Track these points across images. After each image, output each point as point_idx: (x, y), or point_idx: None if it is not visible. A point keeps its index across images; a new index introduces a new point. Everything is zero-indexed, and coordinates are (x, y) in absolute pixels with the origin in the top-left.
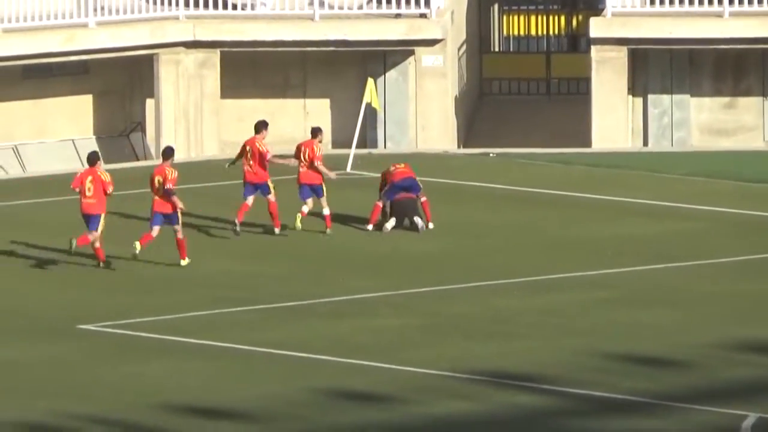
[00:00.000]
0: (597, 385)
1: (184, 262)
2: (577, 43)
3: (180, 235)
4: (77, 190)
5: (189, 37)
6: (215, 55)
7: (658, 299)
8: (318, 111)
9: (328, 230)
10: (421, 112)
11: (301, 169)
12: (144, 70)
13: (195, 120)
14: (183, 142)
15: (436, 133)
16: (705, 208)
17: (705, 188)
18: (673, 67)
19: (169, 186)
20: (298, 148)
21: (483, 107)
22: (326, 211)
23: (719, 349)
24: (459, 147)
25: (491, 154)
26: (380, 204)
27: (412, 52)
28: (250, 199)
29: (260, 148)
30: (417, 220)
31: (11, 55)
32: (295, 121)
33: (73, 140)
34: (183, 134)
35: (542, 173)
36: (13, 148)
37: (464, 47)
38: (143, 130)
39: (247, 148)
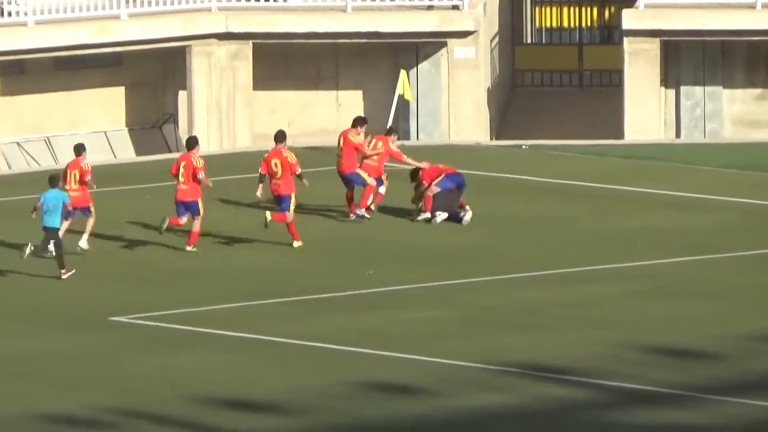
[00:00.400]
0: (628, 377)
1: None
2: (610, 34)
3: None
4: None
5: (221, 29)
6: (247, 47)
7: (690, 291)
8: (350, 102)
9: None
10: (454, 103)
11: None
12: (176, 62)
13: (227, 112)
14: (215, 134)
15: (469, 124)
16: (737, 200)
17: (737, 180)
18: (706, 58)
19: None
20: (339, 137)
21: (515, 99)
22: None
23: (750, 341)
24: (491, 139)
25: (524, 146)
26: (431, 194)
27: (444, 44)
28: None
29: (354, 142)
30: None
31: (44, 47)
32: (328, 112)
33: (105, 132)
34: (215, 126)
35: (575, 165)
36: (45, 140)
37: (497, 39)
38: (176, 122)
39: (340, 140)
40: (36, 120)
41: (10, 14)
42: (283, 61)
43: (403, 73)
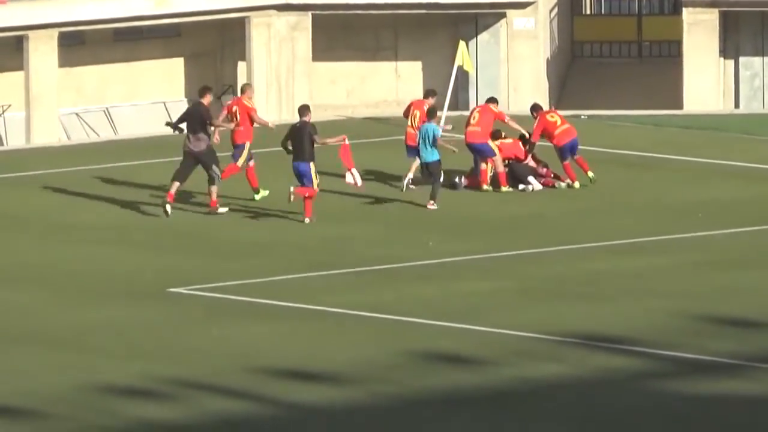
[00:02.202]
0: (687, 347)
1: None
2: (669, 5)
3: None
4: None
5: (280, 0)
6: (307, 18)
7: (750, 261)
8: (410, 73)
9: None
10: (513, 74)
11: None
12: (235, 33)
13: (287, 83)
14: (275, 105)
15: (528, 95)
16: None
17: None
18: (765, 28)
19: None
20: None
21: (574, 70)
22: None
23: None
24: (551, 109)
25: (583, 116)
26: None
27: (503, 15)
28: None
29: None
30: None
31: (103, 18)
32: (387, 83)
33: (164, 103)
34: (275, 97)
35: (633, 135)
36: (104, 111)
37: (556, 10)
38: (234, 93)
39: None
40: (95, 91)
41: None
42: (343, 32)
43: (462, 44)
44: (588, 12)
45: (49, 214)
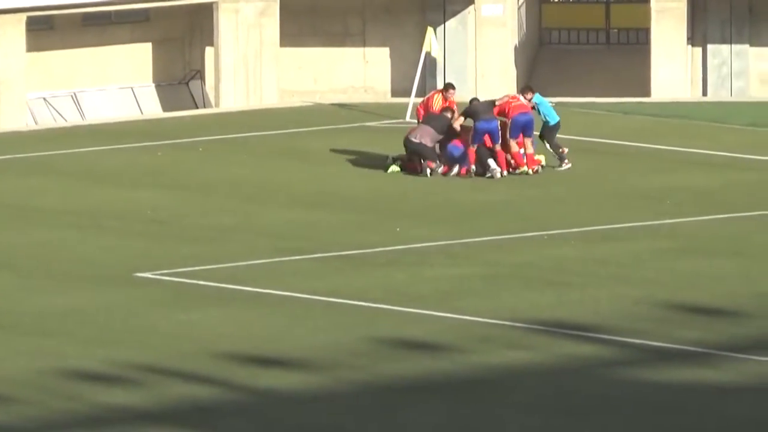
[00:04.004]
0: (654, 335)
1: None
2: None
3: None
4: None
5: None
6: (275, 4)
7: (717, 249)
8: (377, 60)
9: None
10: (481, 61)
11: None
12: (204, 19)
13: (254, 68)
14: (242, 91)
15: (496, 82)
16: (764, 158)
17: (764, 138)
18: (733, 16)
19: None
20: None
21: (542, 57)
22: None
23: None
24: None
25: (551, 104)
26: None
27: (471, 1)
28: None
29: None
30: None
31: (72, 2)
32: (355, 69)
33: (132, 88)
34: (242, 82)
35: (601, 123)
36: (72, 96)
37: None
38: (202, 78)
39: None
40: (63, 75)
41: None
42: (310, 18)
43: (430, 30)
44: None
45: (15, 199)
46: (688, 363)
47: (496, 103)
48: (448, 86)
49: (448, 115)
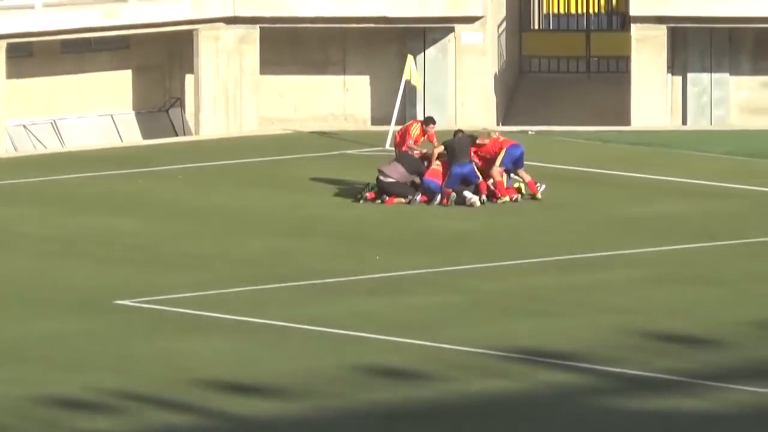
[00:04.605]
0: (633, 364)
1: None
2: (618, 21)
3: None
4: None
5: (229, 13)
6: (255, 31)
7: (695, 278)
8: (358, 88)
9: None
10: (461, 89)
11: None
12: (184, 46)
13: (234, 96)
14: (222, 118)
15: (475, 110)
16: (744, 187)
17: (743, 167)
18: (713, 45)
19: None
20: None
21: (522, 85)
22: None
23: (755, 328)
24: (498, 124)
25: (530, 132)
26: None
27: (452, 29)
28: None
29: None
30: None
31: (51, 29)
32: (335, 97)
33: (112, 115)
34: (222, 110)
35: (581, 151)
36: (52, 123)
37: (504, 25)
38: (182, 106)
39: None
40: (43, 103)
41: None
42: (291, 46)
43: (410, 58)
44: (536, 27)
45: None
46: (666, 391)
47: (478, 141)
48: (428, 120)
49: (424, 162)
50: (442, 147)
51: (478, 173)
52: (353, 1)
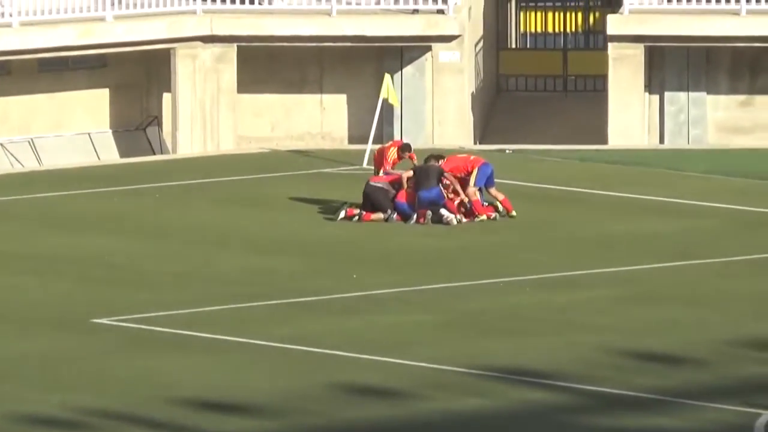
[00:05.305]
0: (610, 382)
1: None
2: (595, 40)
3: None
4: None
5: (206, 32)
6: (232, 50)
7: (674, 296)
8: (335, 106)
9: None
10: (438, 108)
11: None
12: (161, 65)
13: (211, 114)
14: (199, 137)
15: (453, 129)
16: (721, 206)
17: (720, 186)
18: (690, 64)
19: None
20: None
21: (500, 103)
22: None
23: (734, 347)
24: (475, 143)
25: (507, 151)
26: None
27: (429, 48)
28: None
29: None
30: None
31: (28, 48)
32: (312, 116)
33: (89, 134)
34: (199, 129)
35: (558, 170)
36: (29, 142)
37: (481, 43)
38: (159, 125)
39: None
40: (20, 121)
41: None
42: (268, 65)
43: (387, 77)
44: (513, 46)
45: None
46: (644, 410)
47: (445, 160)
48: (405, 148)
49: (392, 191)
50: (411, 172)
51: (445, 195)
52: (330, 21)
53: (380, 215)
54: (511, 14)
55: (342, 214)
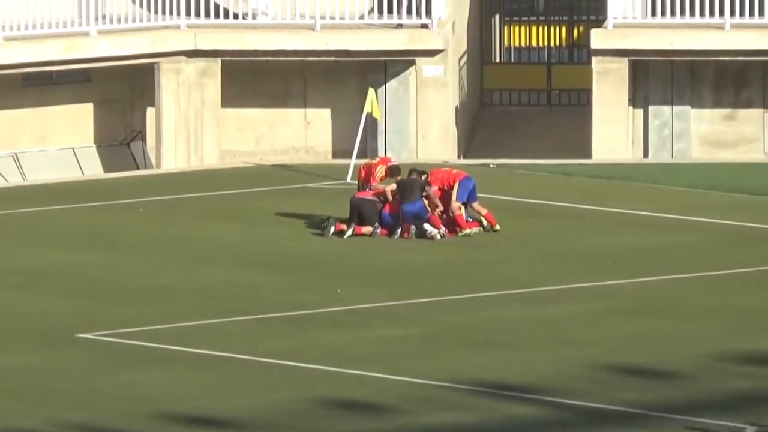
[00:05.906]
0: (595, 396)
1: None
2: (579, 54)
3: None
4: None
5: (190, 46)
6: (216, 64)
7: (657, 311)
8: (319, 121)
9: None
10: (422, 122)
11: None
12: (145, 79)
13: (195, 129)
14: (183, 151)
15: (437, 143)
16: (705, 220)
17: (705, 200)
18: (674, 78)
19: None
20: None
21: (483, 118)
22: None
23: (718, 361)
24: (459, 157)
25: (491, 165)
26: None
27: (413, 62)
28: None
29: None
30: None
31: (12, 63)
32: (296, 130)
33: (73, 148)
34: (183, 143)
35: (542, 184)
36: (13, 156)
37: (465, 58)
38: (143, 139)
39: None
40: (3, 136)
41: None
42: (252, 79)
43: (371, 91)
44: (498, 60)
45: None
46: (627, 424)
47: (429, 174)
48: (395, 171)
49: (380, 203)
50: (394, 185)
51: (429, 208)
52: (314, 35)
53: (369, 228)
54: (495, 28)
55: (332, 230)
